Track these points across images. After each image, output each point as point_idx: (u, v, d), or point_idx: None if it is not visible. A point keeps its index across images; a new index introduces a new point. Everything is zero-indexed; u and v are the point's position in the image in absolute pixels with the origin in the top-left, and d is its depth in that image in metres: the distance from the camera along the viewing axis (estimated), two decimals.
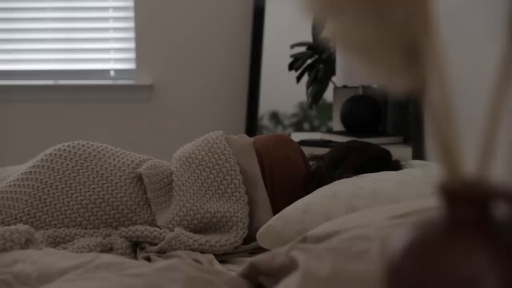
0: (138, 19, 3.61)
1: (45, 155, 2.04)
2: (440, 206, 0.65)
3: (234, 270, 1.59)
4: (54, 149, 2.05)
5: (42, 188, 1.96)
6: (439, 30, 0.64)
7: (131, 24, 3.65)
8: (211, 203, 1.93)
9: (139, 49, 3.62)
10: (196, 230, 1.91)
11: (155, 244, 1.84)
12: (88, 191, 1.96)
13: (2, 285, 1.37)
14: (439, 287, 0.61)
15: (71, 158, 2.01)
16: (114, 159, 2.03)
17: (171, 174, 2.01)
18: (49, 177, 1.98)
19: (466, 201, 0.64)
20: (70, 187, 1.96)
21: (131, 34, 3.65)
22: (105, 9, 3.73)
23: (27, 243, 1.62)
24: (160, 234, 1.85)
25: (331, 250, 1.08)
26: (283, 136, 2.23)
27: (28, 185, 1.97)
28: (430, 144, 2.37)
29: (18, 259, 1.46)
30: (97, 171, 1.99)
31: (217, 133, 2.10)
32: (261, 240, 1.73)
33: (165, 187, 1.99)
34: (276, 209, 1.92)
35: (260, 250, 1.79)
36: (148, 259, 1.76)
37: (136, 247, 1.89)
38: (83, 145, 2.05)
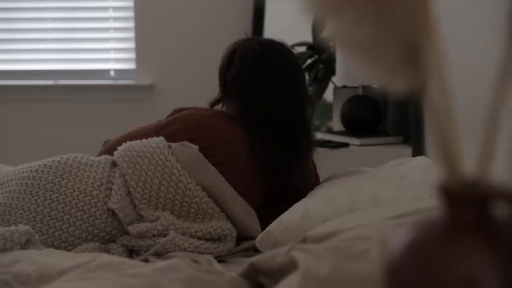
0: (138, 19, 3.61)
1: (6, 191, 1.89)
2: (440, 206, 0.65)
3: (234, 270, 1.59)
4: (17, 183, 1.89)
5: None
6: (439, 30, 0.64)
7: (131, 24, 3.65)
8: (188, 224, 1.88)
9: (139, 49, 3.62)
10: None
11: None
12: (66, 206, 1.85)
13: (2, 285, 1.37)
14: (439, 287, 0.61)
15: (38, 187, 1.88)
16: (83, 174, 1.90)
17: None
18: (21, 218, 1.84)
19: (466, 201, 0.64)
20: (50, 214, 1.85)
21: (131, 34, 3.65)
22: (105, 9, 3.73)
23: (27, 243, 1.62)
24: (154, 241, 1.84)
25: (331, 250, 1.08)
26: (204, 117, 2.17)
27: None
28: (430, 144, 2.37)
29: (18, 259, 1.46)
30: (72, 186, 1.87)
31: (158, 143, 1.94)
32: (260, 246, 1.74)
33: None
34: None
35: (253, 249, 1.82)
36: (146, 261, 1.76)
37: (131, 253, 1.88)
38: (43, 171, 1.90)
